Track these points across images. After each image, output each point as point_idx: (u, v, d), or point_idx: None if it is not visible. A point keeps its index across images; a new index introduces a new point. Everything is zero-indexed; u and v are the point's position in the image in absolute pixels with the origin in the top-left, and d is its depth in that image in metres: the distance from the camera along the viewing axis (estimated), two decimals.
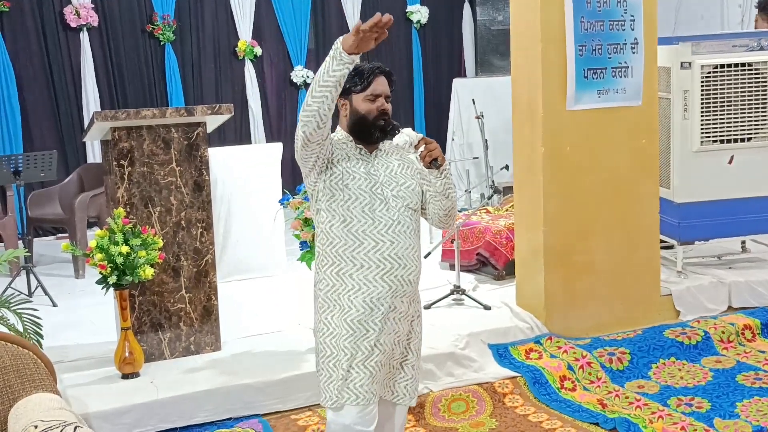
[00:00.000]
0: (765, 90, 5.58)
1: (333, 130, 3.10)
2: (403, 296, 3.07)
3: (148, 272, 4.26)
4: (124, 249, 4.17)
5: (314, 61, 9.79)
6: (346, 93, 3.05)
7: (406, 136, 3.01)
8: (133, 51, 8.87)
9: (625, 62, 5.01)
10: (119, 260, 4.18)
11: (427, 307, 5.33)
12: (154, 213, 4.61)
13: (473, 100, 8.61)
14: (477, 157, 8.92)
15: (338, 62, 2.81)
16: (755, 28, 7.62)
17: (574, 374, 4.65)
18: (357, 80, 3.06)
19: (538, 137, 4.96)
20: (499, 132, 8.20)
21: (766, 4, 7.69)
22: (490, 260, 5.97)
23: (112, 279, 4.22)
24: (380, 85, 3.07)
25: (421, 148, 3.00)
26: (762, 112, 5.60)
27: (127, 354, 4.35)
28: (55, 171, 6.66)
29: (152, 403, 4.12)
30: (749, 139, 5.62)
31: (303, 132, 2.90)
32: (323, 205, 3.05)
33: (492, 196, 7.54)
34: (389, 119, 3.07)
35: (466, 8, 10.53)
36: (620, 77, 5.01)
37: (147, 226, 4.40)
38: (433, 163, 3.00)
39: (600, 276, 5.12)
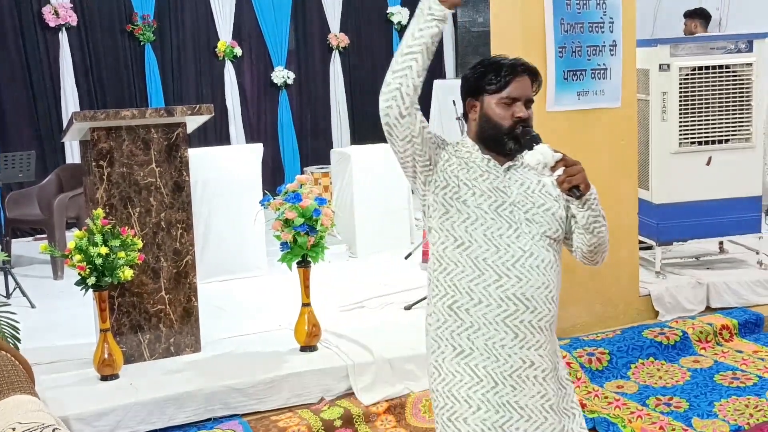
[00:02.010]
0: (742, 92, 5.64)
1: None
2: (537, 347, 2.43)
3: (128, 273, 4.24)
4: (103, 250, 4.15)
5: (294, 62, 9.80)
6: (476, 92, 2.52)
7: (540, 154, 2.37)
8: (113, 51, 8.83)
9: (604, 64, 5.04)
10: (98, 261, 4.16)
11: (408, 307, 5.34)
12: (134, 214, 4.59)
13: (453, 101, 8.59)
14: None
15: (427, 16, 2.29)
16: (685, 33, 7.82)
17: None
18: (492, 78, 2.48)
19: None
20: None
21: (696, 11, 7.97)
22: None
23: (91, 280, 4.20)
24: (520, 86, 2.49)
25: (559, 171, 2.37)
26: (739, 114, 5.66)
27: (106, 356, 4.32)
28: (34, 171, 6.61)
29: (131, 404, 4.10)
30: (727, 140, 5.67)
31: (386, 122, 2.39)
32: (435, 223, 2.50)
33: None
34: (527, 128, 2.47)
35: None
36: (599, 79, 5.04)
37: (126, 227, 4.37)
38: (574, 191, 2.39)
39: (579, 277, 5.15)
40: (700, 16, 8.09)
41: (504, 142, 2.48)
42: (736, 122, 5.66)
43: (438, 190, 2.48)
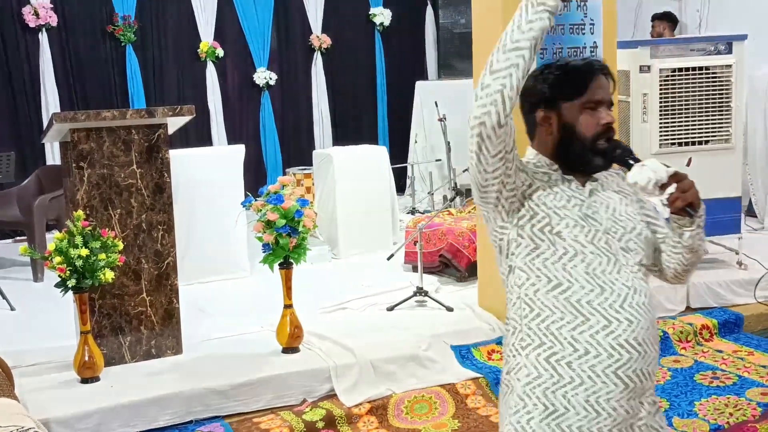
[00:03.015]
0: (722, 93, 5.68)
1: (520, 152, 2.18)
2: (642, 395, 2.14)
3: (108, 275, 4.21)
4: (84, 252, 4.13)
5: (276, 63, 9.78)
6: (549, 103, 2.18)
7: (651, 171, 2.08)
8: (94, 52, 8.78)
9: None
10: (78, 263, 4.13)
11: (390, 308, 5.35)
12: (115, 215, 4.57)
13: (436, 102, 8.65)
14: (440, 159, 8.97)
15: (537, 6, 2.00)
16: (653, 36, 7.94)
17: None
18: (566, 82, 2.16)
19: None
20: (462, 134, 8.20)
21: (665, 14, 8.13)
22: (452, 262, 5.99)
23: (72, 282, 4.17)
24: (602, 88, 2.18)
25: (670, 189, 2.09)
26: (719, 115, 5.70)
27: (86, 358, 4.30)
28: (13, 173, 6.56)
29: (112, 407, 4.08)
30: (707, 141, 5.71)
31: (479, 132, 2.02)
32: (519, 261, 2.14)
33: (455, 198, 7.57)
34: (616, 141, 2.18)
35: (429, 11, 10.58)
36: None
37: (107, 229, 4.35)
38: (687, 209, 2.12)
39: None
40: (668, 19, 8.25)
41: (589, 158, 2.15)
42: (715, 123, 5.70)
43: (524, 221, 2.13)
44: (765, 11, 7.40)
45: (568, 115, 2.16)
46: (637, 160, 2.12)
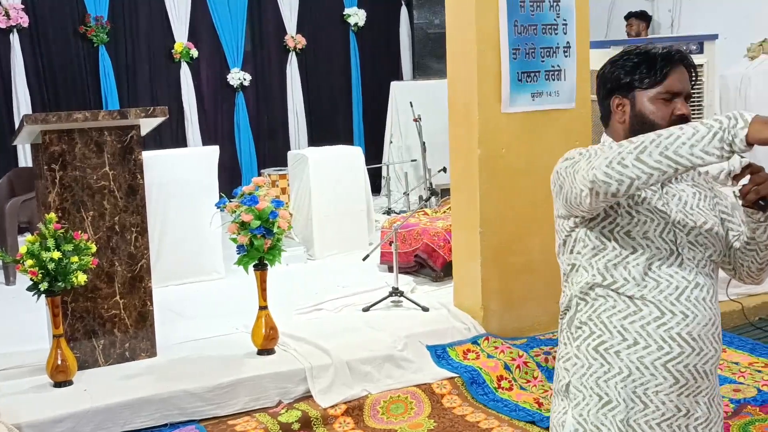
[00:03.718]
0: (693, 93, 5.72)
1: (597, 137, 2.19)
2: (697, 394, 2.09)
3: (81, 278, 4.18)
4: (56, 255, 4.09)
5: (251, 63, 9.76)
6: (625, 88, 2.13)
7: (725, 161, 1.95)
8: (66, 53, 8.71)
9: (558, 65, 5.08)
10: (51, 266, 4.10)
11: (366, 309, 5.34)
12: (87, 218, 4.53)
13: (411, 102, 8.67)
14: (415, 160, 8.98)
15: (724, 143, 1.80)
16: (630, 35, 8.04)
17: (511, 374, 4.70)
18: (644, 70, 2.11)
19: (474, 139, 5.01)
20: (437, 134, 8.26)
21: (642, 13, 8.23)
22: (428, 262, 6.00)
23: (44, 285, 4.13)
24: (679, 78, 2.11)
25: (744, 180, 2.01)
26: (692, 116, 5.74)
27: (59, 362, 4.26)
28: None
29: (86, 411, 4.04)
30: None
31: (591, 188, 1.94)
32: (583, 261, 2.14)
33: (430, 198, 7.59)
34: None
35: (404, 11, 10.60)
36: (553, 80, 5.09)
37: (80, 231, 4.32)
38: (760, 203, 2.01)
39: (536, 276, 5.19)
40: (644, 18, 8.33)
41: None
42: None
43: (594, 223, 2.09)
44: (736, 11, 7.48)
45: (641, 104, 2.11)
46: None
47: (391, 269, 5.78)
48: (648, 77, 2.09)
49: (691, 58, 2.16)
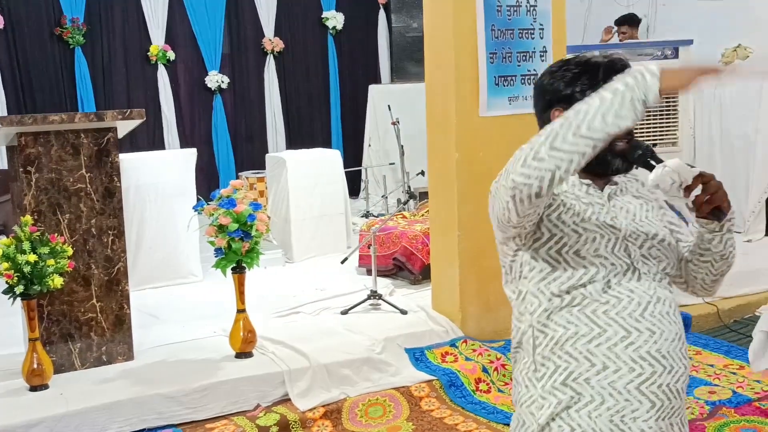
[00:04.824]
0: (669, 97, 5.79)
1: None
2: (671, 415, 1.95)
3: (57, 281, 4.15)
4: (32, 258, 4.06)
5: (228, 66, 9.74)
6: (565, 100, 1.99)
7: (675, 173, 1.88)
8: (42, 54, 8.66)
9: (534, 70, 5.11)
10: (26, 269, 4.07)
11: (344, 312, 5.34)
12: (63, 220, 4.50)
13: (389, 106, 8.68)
14: (393, 163, 9.00)
15: (636, 102, 1.73)
16: (620, 39, 8.06)
17: (489, 376, 4.72)
18: (586, 81, 1.98)
19: (452, 143, 5.03)
20: (415, 138, 8.28)
21: (633, 18, 8.22)
22: (406, 265, 6.01)
23: (19, 289, 4.10)
24: None
25: (696, 191, 1.90)
26: (666, 118, 5.80)
27: (35, 365, 4.23)
28: None
29: (62, 415, 4.02)
30: (654, 144, 5.81)
31: (512, 195, 1.84)
32: (531, 286, 2.01)
33: (408, 201, 7.61)
34: (636, 140, 2.00)
35: (382, 15, 10.62)
36: (530, 84, 5.12)
37: (56, 234, 4.29)
38: (714, 213, 1.93)
39: None
40: (636, 22, 8.28)
41: (608, 159, 1.97)
42: (663, 126, 5.81)
43: (539, 244, 1.96)
44: (710, 17, 7.56)
45: None
46: (659, 161, 1.94)
47: (369, 272, 5.79)
48: (590, 88, 1.93)
49: (631, 66, 1.99)
